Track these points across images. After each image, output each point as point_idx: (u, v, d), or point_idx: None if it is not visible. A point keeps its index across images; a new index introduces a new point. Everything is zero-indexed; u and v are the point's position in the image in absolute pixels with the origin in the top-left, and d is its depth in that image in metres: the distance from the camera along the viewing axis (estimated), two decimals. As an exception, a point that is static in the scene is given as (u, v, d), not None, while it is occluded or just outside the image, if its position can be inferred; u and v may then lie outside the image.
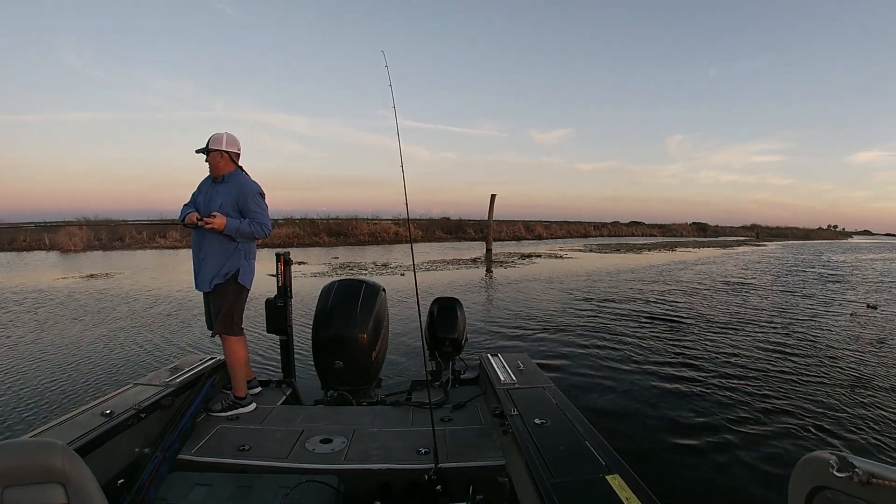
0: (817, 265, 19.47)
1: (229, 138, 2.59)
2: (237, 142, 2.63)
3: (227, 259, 2.55)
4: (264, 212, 2.62)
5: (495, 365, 2.73)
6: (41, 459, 1.06)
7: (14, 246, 21.92)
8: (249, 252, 2.65)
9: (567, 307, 8.65)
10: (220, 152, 2.56)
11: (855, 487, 0.77)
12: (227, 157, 2.58)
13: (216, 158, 2.57)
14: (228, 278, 2.55)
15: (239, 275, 2.57)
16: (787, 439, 3.50)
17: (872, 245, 44.79)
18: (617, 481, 1.45)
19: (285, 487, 1.72)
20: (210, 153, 2.57)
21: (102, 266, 15.18)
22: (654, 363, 5.32)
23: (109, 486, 1.83)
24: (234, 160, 2.62)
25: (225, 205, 2.53)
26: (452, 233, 32.19)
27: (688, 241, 39.61)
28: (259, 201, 2.60)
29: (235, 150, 2.61)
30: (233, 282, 2.56)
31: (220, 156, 2.57)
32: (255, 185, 2.63)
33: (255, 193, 2.60)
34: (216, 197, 2.56)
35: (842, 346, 6.29)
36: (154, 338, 6.35)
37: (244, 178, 2.63)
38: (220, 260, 2.54)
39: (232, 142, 2.59)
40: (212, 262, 2.54)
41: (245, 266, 2.61)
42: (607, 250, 25.82)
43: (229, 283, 2.55)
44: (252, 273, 2.68)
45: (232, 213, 2.53)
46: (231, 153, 2.59)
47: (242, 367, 2.63)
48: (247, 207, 2.55)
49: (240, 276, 2.58)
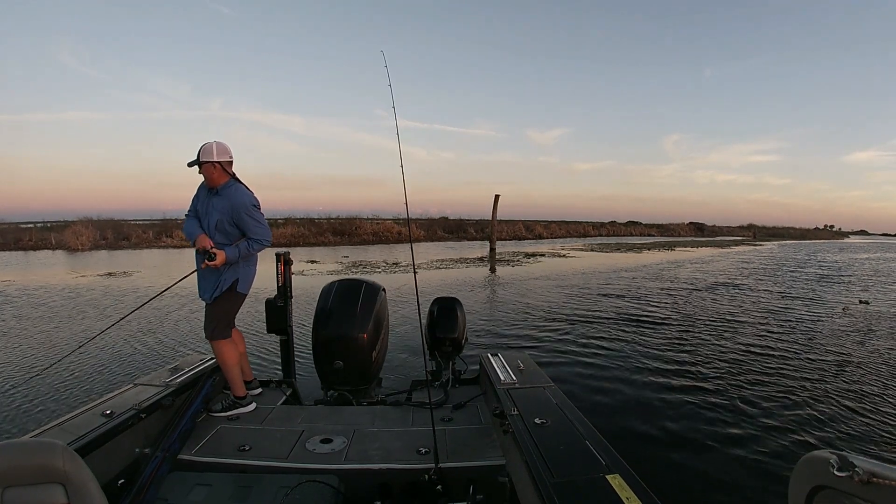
0: (813, 264, 19.65)
1: (219, 147, 2.50)
2: (228, 149, 2.55)
3: (224, 273, 2.55)
4: (261, 224, 2.56)
5: (495, 365, 2.73)
6: (41, 459, 1.06)
7: (20, 245, 21.81)
8: (250, 259, 2.64)
9: (569, 306, 8.66)
10: (212, 164, 2.48)
11: (855, 487, 0.77)
12: (219, 167, 2.51)
13: (209, 170, 2.51)
14: (227, 290, 2.55)
15: (238, 284, 2.57)
16: (787, 438, 3.52)
17: (868, 245, 45.22)
18: (617, 481, 1.45)
19: (285, 487, 1.72)
20: (202, 165, 2.50)
21: (115, 265, 15.19)
22: (654, 363, 5.33)
23: (109, 486, 1.83)
24: (227, 169, 2.55)
25: (221, 221, 2.51)
26: (454, 232, 32.30)
27: (686, 240, 39.70)
28: (254, 214, 2.53)
29: (227, 158, 2.53)
30: (232, 291, 2.57)
31: (212, 167, 2.49)
32: (248, 196, 2.55)
33: (249, 206, 2.52)
34: (213, 211, 2.52)
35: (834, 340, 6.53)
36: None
37: (238, 190, 2.54)
38: (218, 274, 2.54)
39: (223, 150, 2.51)
40: (210, 277, 2.55)
41: (244, 273, 2.60)
42: (608, 249, 26.06)
43: (228, 293, 2.56)
44: (252, 278, 2.67)
45: (228, 228, 2.52)
46: (223, 163, 2.51)
47: (233, 368, 2.61)
48: (242, 223, 2.51)
49: (238, 286, 2.58)
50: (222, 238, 2.52)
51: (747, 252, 27.17)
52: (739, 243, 38.11)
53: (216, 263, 2.42)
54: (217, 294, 2.54)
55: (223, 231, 2.52)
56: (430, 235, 30.32)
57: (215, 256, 2.41)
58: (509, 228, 35.45)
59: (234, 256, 2.48)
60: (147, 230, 24.98)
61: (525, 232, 36.39)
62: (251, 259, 2.65)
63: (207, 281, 2.56)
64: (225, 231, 2.52)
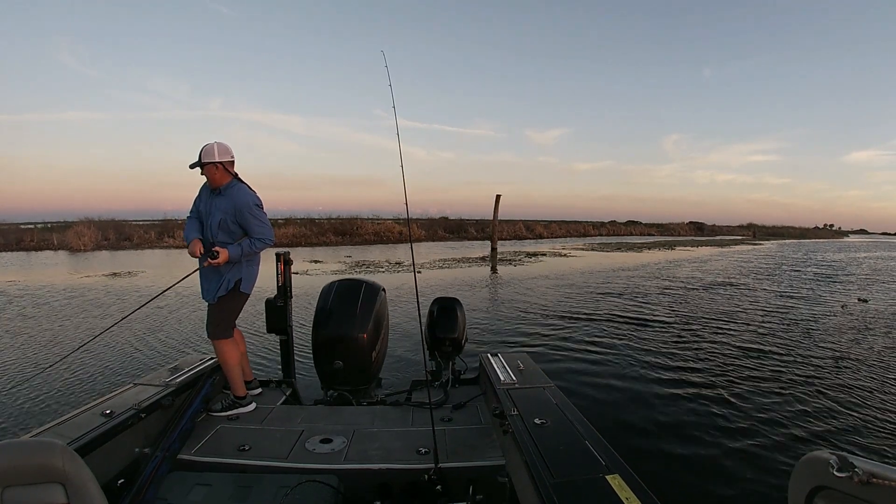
0: (813, 263, 19.68)
1: (220, 148, 2.50)
2: (229, 149, 2.55)
3: (227, 272, 2.55)
4: (264, 223, 2.56)
5: (495, 365, 2.73)
6: (41, 459, 1.06)
7: (22, 246, 21.79)
8: (253, 260, 2.64)
9: (570, 305, 8.65)
10: (213, 164, 2.49)
11: (855, 487, 0.77)
12: (221, 168, 2.51)
13: (211, 171, 2.51)
14: (231, 289, 2.56)
15: (241, 284, 2.58)
16: (787, 437, 3.51)
17: (867, 244, 45.35)
18: (617, 481, 1.45)
19: (285, 487, 1.72)
20: (205, 167, 2.51)
21: (119, 265, 15.18)
22: (654, 362, 5.33)
23: (109, 486, 1.83)
24: (229, 169, 2.56)
25: (224, 221, 2.52)
26: (455, 232, 32.42)
27: (686, 240, 39.70)
28: (257, 213, 2.54)
29: (229, 158, 2.54)
30: (235, 291, 2.57)
31: (214, 168, 2.50)
32: (251, 196, 2.55)
33: (252, 206, 2.52)
34: (215, 212, 2.53)
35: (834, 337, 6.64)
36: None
37: (240, 190, 2.55)
38: (220, 274, 2.55)
39: (224, 151, 2.51)
40: (214, 277, 2.56)
41: (247, 273, 2.61)
42: (609, 249, 26.10)
43: (231, 293, 2.57)
44: (254, 278, 2.67)
45: (231, 226, 2.53)
46: (225, 163, 2.52)
47: (234, 367, 2.62)
48: (245, 222, 2.52)
49: (242, 285, 2.59)
50: (225, 237, 2.53)
51: (748, 251, 27.17)
52: (739, 242, 38.12)
53: (219, 262, 2.43)
54: (221, 294, 2.55)
55: (226, 230, 2.52)
56: (431, 235, 30.49)
57: (218, 254, 2.42)
58: (510, 228, 35.53)
59: (237, 255, 2.49)
60: (149, 230, 25.02)
61: (525, 232, 36.47)
62: (254, 259, 2.65)
63: (210, 281, 2.57)
64: (228, 230, 2.53)
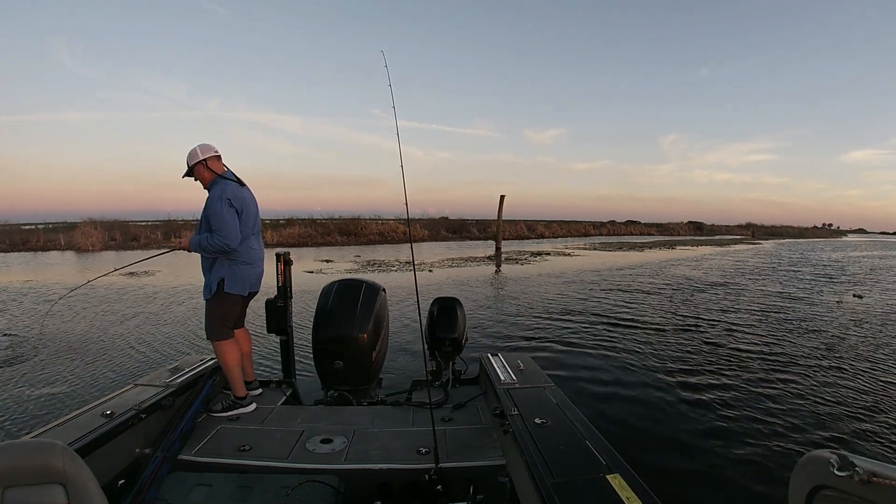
0: (811, 262, 19.82)
1: (201, 147, 2.60)
2: (211, 146, 2.63)
3: (209, 271, 2.62)
4: (222, 221, 2.48)
5: (495, 365, 2.73)
6: (41, 460, 1.06)
7: (28, 246, 21.62)
8: (239, 258, 2.60)
9: (571, 305, 8.66)
10: (200, 164, 2.59)
11: (855, 486, 0.77)
12: (205, 166, 2.60)
13: (200, 171, 2.61)
14: (216, 288, 2.58)
15: (225, 284, 2.58)
16: (787, 436, 3.51)
17: (866, 243, 45.66)
18: (617, 481, 1.45)
19: (286, 487, 1.72)
20: (194, 170, 2.61)
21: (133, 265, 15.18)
22: (654, 362, 5.33)
23: (110, 486, 1.83)
24: (212, 167, 2.61)
25: (205, 217, 2.57)
26: (457, 232, 32.57)
27: (685, 239, 39.76)
28: (216, 209, 2.48)
29: (211, 154, 2.61)
30: (220, 291, 2.58)
31: (202, 167, 2.59)
32: (217, 191, 2.54)
33: (214, 200, 2.50)
34: (203, 210, 2.60)
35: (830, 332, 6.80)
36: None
37: (216, 185, 2.59)
38: (207, 272, 2.63)
39: (206, 149, 2.60)
40: (205, 275, 2.64)
41: (230, 272, 2.58)
42: (610, 248, 26.24)
43: (218, 293, 2.59)
44: (244, 279, 2.63)
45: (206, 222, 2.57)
46: (208, 160, 2.59)
47: (233, 368, 2.62)
48: (208, 217, 2.55)
49: (226, 286, 2.58)
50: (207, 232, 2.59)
51: (747, 250, 27.26)
52: (739, 242, 38.20)
53: (180, 243, 2.71)
54: (210, 294, 2.60)
55: (207, 226, 2.56)
56: (433, 235, 30.67)
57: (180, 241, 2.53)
58: (512, 228, 35.70)
59: (195, 244, 2.55)
60: (155, 231, 25.06)
61: (527, 231, 36.74)
62: (240, 258, 2.59)
63: (205, 280, 2.64)
64: (208, 226, 2.55)
